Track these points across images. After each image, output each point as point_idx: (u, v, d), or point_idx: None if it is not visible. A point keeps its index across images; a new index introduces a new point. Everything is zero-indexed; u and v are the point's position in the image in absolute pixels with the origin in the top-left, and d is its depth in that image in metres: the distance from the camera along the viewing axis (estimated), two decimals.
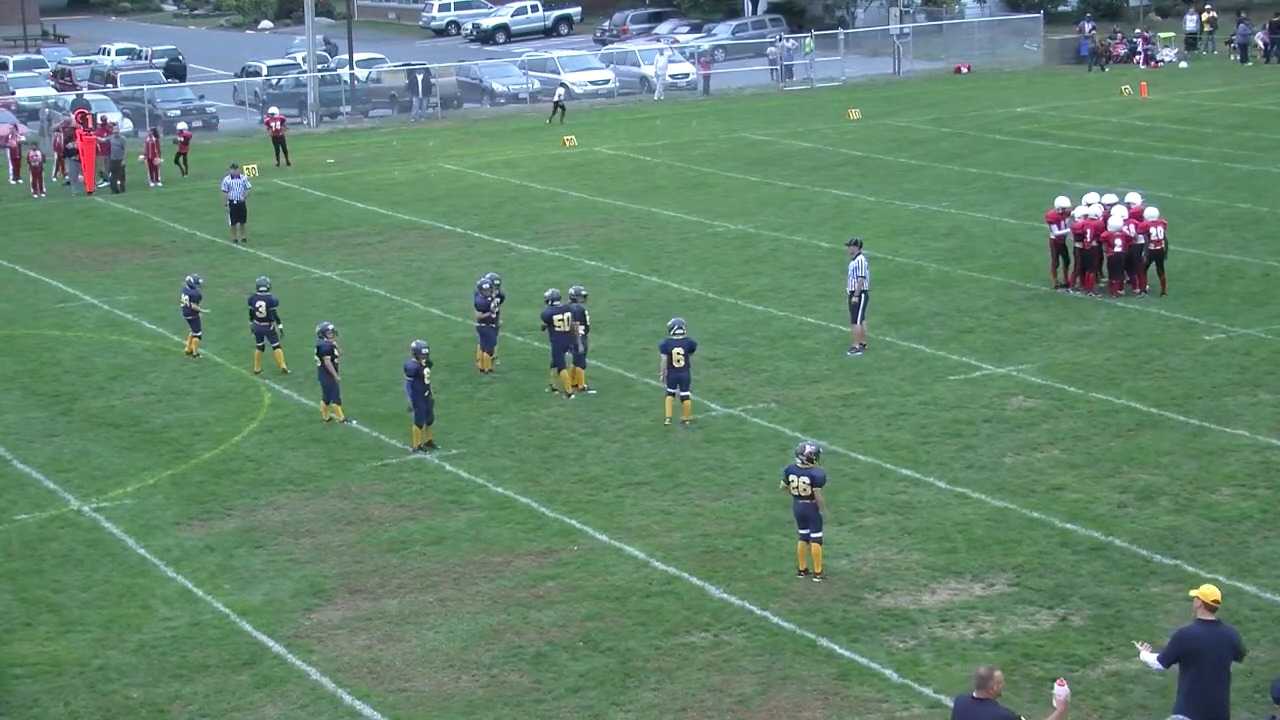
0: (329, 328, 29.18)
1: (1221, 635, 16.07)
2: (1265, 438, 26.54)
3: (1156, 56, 76.43)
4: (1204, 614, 16.04)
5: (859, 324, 32.00)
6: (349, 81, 72.40)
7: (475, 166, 56.50)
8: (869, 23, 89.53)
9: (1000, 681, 15.01)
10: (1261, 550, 22.31)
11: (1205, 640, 15.96)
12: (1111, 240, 34.53)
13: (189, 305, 33.59)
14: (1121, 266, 34.76)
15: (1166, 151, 53.18)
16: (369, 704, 19.17)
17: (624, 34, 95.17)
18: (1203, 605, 16.04)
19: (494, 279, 32.18)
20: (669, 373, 28.19)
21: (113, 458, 28.14)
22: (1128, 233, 34.48)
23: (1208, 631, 16.00)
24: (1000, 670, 15.27)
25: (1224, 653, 15.98)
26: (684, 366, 28.07)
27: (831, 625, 20.59)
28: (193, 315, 33.67)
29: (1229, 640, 16.09)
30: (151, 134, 57.00)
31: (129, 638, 21.16)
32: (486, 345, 31.73)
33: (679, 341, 28.04)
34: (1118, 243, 34.42)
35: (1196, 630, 16.04)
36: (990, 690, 14.90)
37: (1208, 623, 16.03)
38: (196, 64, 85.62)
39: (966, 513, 24.01)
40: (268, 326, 32.17)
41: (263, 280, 33.30)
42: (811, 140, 58.99)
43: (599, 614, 21.24)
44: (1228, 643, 16.05)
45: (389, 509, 25.28)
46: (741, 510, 24.51)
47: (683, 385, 28.23)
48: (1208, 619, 16.03)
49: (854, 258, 31.78)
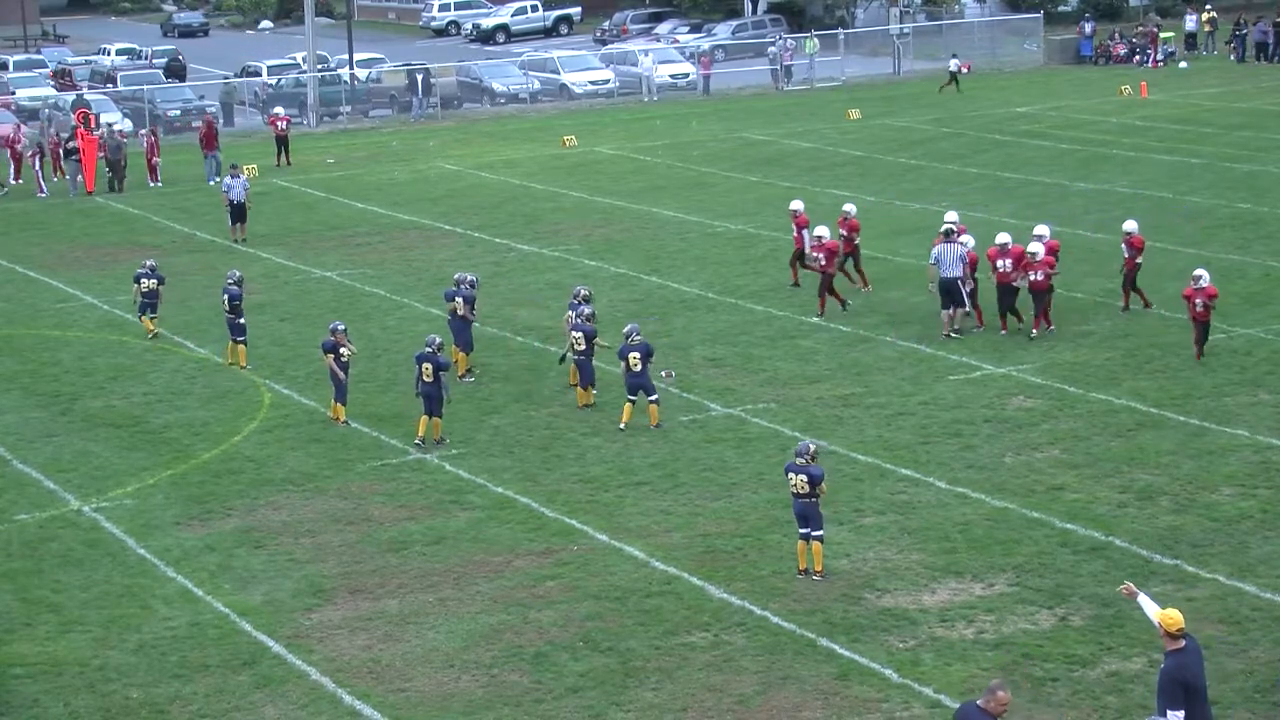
0: (339, 327, 29.14)
1: (1199, 652, 15.74)
2: (1265, 438, 26.54)
3: (1158, 56, 76.42)
4: (1171, 643, 15.58)
5: (958, 309, 32.63)
6: (349, 81, 72.40)
7: (475, 166, 56.51)
8: (869, 23, 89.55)
9: (1003, 703, 14.78)
10: (1261, 550, 22.30)
11: (1190, 668, 15.53)
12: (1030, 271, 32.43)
13: (154, 289, 35.18)
14: (1037, 299, 32.41)
15: (1166, 151, 53.19)
16: (369, 704, 19.17)
17: (624, 34, 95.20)
18: (1167, 635, 15.57)
19: (462, 278, 32.03)
20: (627, 378, 28.19)
21: (112, 458, 28.14)
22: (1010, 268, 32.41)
23: (1187, 659, 15.54)
24: (1008, 691, 15.03)
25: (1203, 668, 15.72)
26: (641, 371, 28.01)
27: (831, 625, 20.59)
28: (153, 299, 35.23)
29: (1201, 654, 15.82)
30: (151, 134, 57.00)
31: (129, 638, 21.16)
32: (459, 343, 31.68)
33: (635, 347, 28.06)
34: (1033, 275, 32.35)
35: (1180, 662, 15.54)
36: (990, 704, 14.76)
37: (1179, 650, 15.55)
38: (196, 64, 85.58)
39: (966, 513, 24.01)
40: (233, 319, 32.91)
41: (232, 273, 33.90)
42: (811, 140, 59.00)
43: (599, 614, 21.24)
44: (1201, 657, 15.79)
45: (389, 509, 25.28)
46: (741, 510, 24.51)
47: (646, 391, 28.24)
48: (1176, 647, 15.56)
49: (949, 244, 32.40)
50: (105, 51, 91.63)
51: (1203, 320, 30.39)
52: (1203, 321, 30.41)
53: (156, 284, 35.35)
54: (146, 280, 35.25)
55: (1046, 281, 32.32)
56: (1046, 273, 32.23)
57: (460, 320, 31.38)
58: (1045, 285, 32.36)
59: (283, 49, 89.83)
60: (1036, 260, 32.16)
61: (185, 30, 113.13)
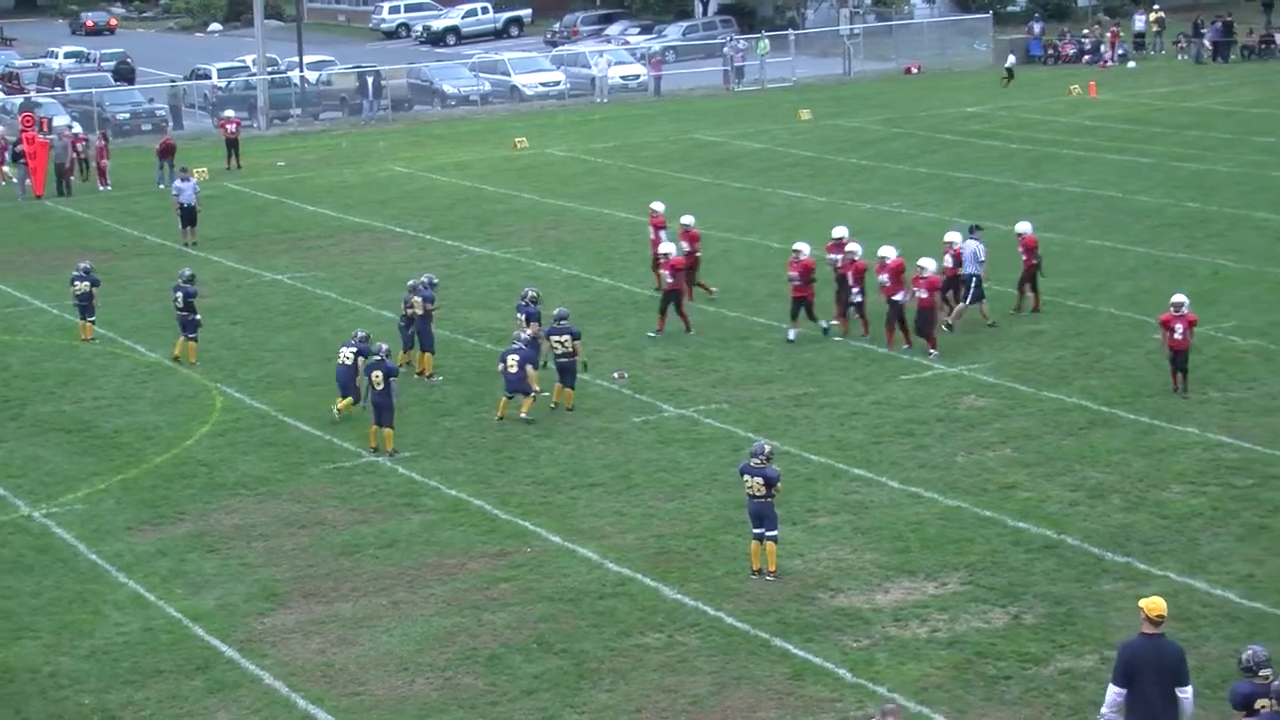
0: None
1: (1165, 651, 15.75)
2: (1215, 435, 26.70)
3: (1118, 52, 76.80)
4: (1148, 628, 15.75)
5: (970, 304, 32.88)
6: (299, 84, 72.17)
7: (426, 169, 56.41)
8: (819, 23, 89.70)
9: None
10: (1211, 547, 22.43)
11: (1148, 654, 15.65)
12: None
13: (88, 291, 34.89)
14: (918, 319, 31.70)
15: (1116, 151, 53.46)
16: (323, 708, 19.11)
17: (574, 35, 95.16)
18: (1146, 619, 15.75)
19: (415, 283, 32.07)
20: (507, 378, 28.61)
21: (63, 463, 27.99)
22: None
23: (1151, 645, 15.71)
24: (899, 717, 15.21)
25: (1165, 670, 15.64)
26: (519, 374, 28.31)
27: (785, 625, 20.62)
28: (87, 301, 34.96)
29: (1173, 657, 15.73)
30: (101, 137, 56.70)
31: (80, 644, 21.04)
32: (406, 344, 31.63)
33: (515, 349, 28.47)
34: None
35: (1139, 644, 15.76)
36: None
37: (1152, 636, 15.74)
38: (146, 67, 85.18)
39: (919, 512, 24.08)
40: (187, 316, 32.89)
41: (183, 271, 33.90)
42: (762, 141, 59.09)
43: (553, 616, 21.23)
44: (1171, 660, 15.70)
45: (342, 512, 25.21)
46: (695, 511, 24.53)
47: (524, 393, 28.70)
48: (1152, 633, 15.73)
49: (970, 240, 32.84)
50: (53, 54, 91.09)
51: (1181, 349, 28.46)
52: (1181, 350, 28.50)
53: (90, 286, 35.00)
54: (80, 283, 34.98)
55: (931, 303, 31.28)
56: (931, 293, 31.12)
57: (423, 320, 31.33)
58: (930, 306, 31.29)
59: (232, 51, 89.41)
60: (924, 276, 31.04)
61: (94, 30, 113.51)
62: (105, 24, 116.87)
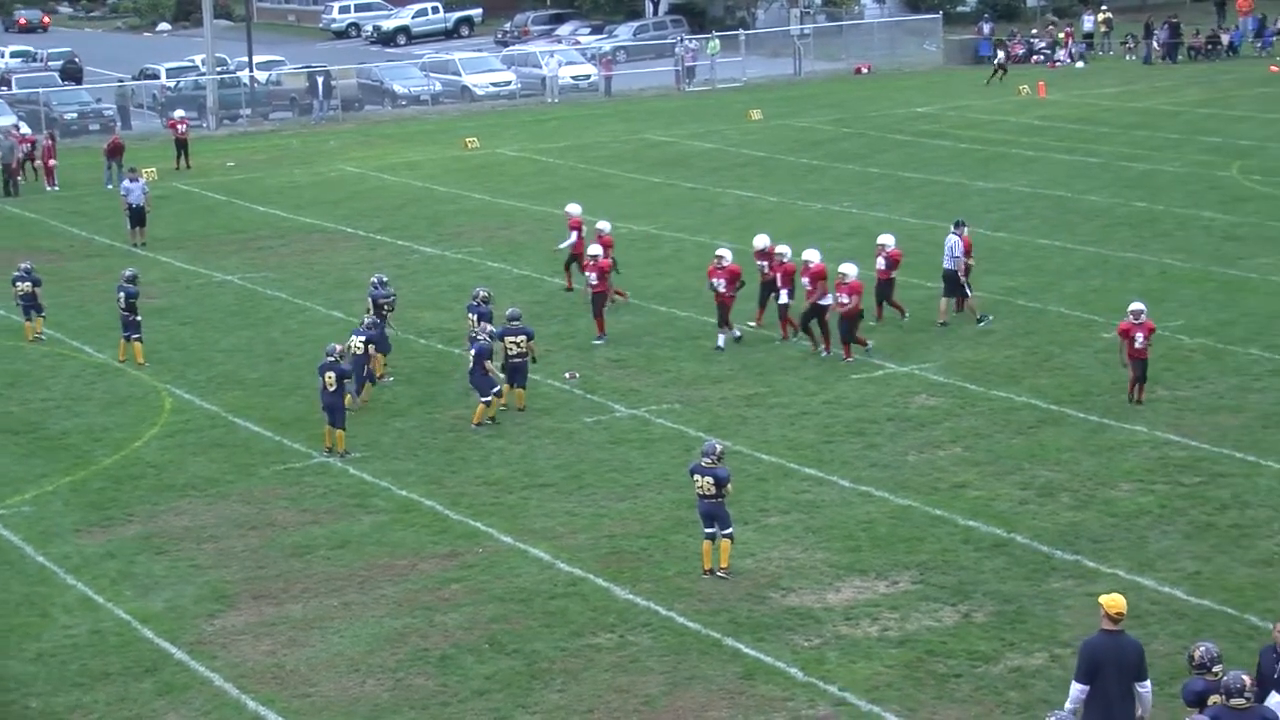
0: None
1: (1124, 648, 15.86)
2: (1163, 433, 26.84)
3: (1056, 57, 77.19)
4: (1107, 625, 15.85)
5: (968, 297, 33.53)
6: (249, 84, 71.90)
7: (377, 169, 56.28)
8: (770, 24, 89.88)
9: None
10: (1160, 544, 22.55)
11: (1110, 651, 15.77)
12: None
13: (30, 291, 34.86)
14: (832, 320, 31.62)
15: (1065, 151, 53.72)
16: (273, 710, 19.04)
17: (525, 35, 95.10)
18: (1106, 616, 15.84)
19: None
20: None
21: (10, 465, 27.80)
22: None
23: (1112, 643, 15.81)
24: None
25: (1126, 666, 15.76)
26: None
27: (737, 624, 20.64)
28: (31, 300, 34.93)
29: (1133, 654, 15.85)
30: (48, 137, 56.37)
31: (28, 646, 20.91)
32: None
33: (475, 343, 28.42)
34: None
35: (1101, 641, 15.86)
36: None
37: (1112, 633, 15.85)
38: (93, 66, 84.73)
39: (870, 511, 24.14)
40: (129, 317, 32.87)
41: (125, 272, 33.83)
42: (713, 141, 59.15)
43: (504, 616, 21.21)
44: (1132, 657, 15.82)
45: (292, 513, 25.13)
46: (646, 511, 24.53)
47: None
48: (1111, 629, 15.84)
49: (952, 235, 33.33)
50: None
51: (1141, 358, 28.07)
52: (1141, 359, 28.10)
53: (32, 286, 34.89)
54: (22, 283, 34.89)
55: (856, 309, 30.88)
56: (852, 297, 30.76)
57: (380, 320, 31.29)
58: (855, 313, 30.90)
59: (181, 51, 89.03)
60: (846, 281, 30.72)
61: (26, 27, 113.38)
62: (38, 21, 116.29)
